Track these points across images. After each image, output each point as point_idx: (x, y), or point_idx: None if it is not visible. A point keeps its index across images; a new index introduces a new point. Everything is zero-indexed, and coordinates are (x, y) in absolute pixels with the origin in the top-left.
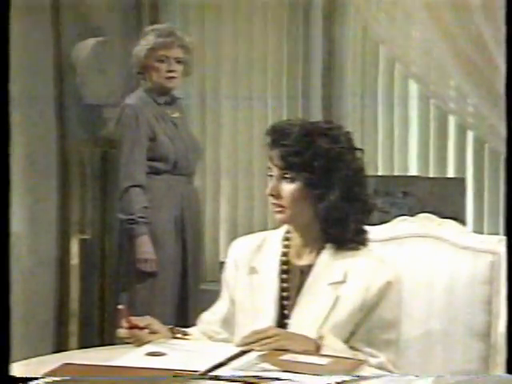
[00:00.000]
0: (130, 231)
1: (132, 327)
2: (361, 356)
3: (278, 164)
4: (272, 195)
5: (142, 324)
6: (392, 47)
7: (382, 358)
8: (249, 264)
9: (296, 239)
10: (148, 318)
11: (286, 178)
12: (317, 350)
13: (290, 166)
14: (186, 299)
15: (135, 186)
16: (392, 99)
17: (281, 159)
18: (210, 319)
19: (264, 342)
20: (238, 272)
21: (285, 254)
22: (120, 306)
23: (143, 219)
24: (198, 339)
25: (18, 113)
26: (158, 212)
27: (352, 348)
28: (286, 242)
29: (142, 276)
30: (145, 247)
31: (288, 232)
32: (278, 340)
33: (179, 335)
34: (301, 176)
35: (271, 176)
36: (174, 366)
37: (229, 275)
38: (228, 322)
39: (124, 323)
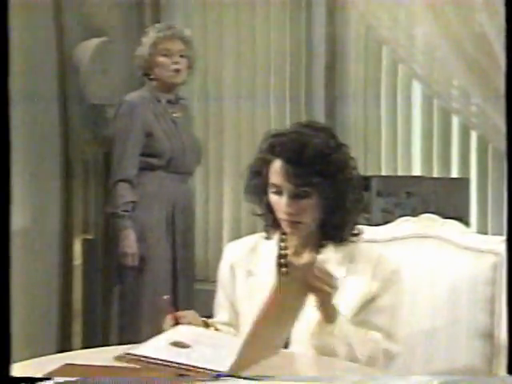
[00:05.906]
0: (114, 225)
1: (176, 323)
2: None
3: (295, 182)
4: (289, 213)
5: (185, 321)
6: (395, 47)
7: (378, 335)
8: (245, 267)
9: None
10: (192, 312)
11: (302, 193)
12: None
13: (310, 184)
14: (177, 299)
15: (123, 180)
16: (395, 99)
17: (299, 178)
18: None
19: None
20: (235, 275)
21: (282, 254)
22: (165, 297)
23: (127, 213)
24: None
25: (20, 112)
26: (148, 207)
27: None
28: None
29: (128, 271)
30: (127, 241)
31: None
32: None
33: (212, 328)
34: (319, 189)
35: (276, 193)
36: (194, 363)
37: (225, 279)
38: (233, 326)
39: (169, 319)
